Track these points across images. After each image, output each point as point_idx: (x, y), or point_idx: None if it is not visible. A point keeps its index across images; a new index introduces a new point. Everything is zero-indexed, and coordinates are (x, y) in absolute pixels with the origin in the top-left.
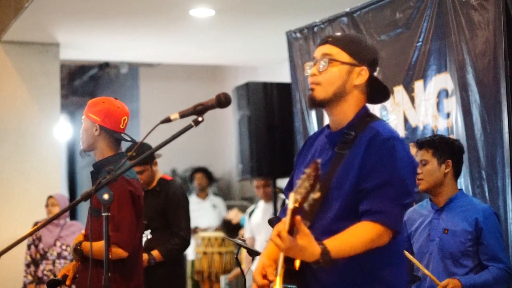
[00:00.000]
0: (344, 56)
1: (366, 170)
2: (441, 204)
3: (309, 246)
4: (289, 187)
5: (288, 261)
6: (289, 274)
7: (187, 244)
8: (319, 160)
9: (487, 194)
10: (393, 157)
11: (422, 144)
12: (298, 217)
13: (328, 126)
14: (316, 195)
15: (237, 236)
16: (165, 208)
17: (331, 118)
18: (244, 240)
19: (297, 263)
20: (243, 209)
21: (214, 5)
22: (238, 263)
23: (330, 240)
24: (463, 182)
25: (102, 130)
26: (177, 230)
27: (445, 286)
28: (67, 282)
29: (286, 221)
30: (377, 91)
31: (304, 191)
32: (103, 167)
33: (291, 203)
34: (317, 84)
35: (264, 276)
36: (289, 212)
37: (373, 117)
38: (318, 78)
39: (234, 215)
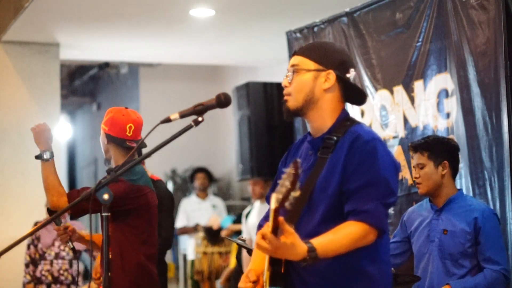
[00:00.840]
0: (309, 64)
1: (348, 172)
2: (440, 205)
3: (295, 244)
4: (270, 197)
5: (274, 263)
6: (276, 276)
7: (168, 244)
8: (299, 160)
9: (488, 194)
10: (375, 158)
11: (416, 147)
12: (281, 218)
13: (309, 133)
14: (296, 193)
15: (220, 241)
16: None
17: (310, 125)
18: (244, 240)
19: (283, 266)
20: (243, 210)
21: (214, 5)
22: (239, 263)
23: (316, 239)
24: (464, 182)
25: (109, 138)
26: (158, 230)
27: None
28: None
29: (269, 222)
30: (354, 92)
31: (285, 189)
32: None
33: (273, 204)
34: (288, 95)
35: (248, 281)
36: (271, 213)
37: (353, 121)
38: (289, 89)
39: (213, 221)
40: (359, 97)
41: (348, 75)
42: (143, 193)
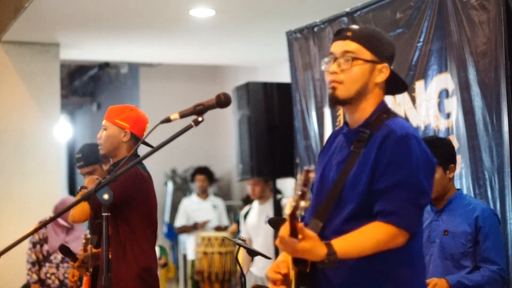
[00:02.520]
0: (366, 54)
1: (379, 170)
2: (440, 206)
3: (313, 248)
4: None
5: (299, 263)
6: (301, 276)
7: None
8: (311, 168)
9: (489, 194)
10: (407, 156)
11: None
12: (300, 224)
13: (346, 123)
14: (306, 203)
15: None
16: None
17: (350, 116)
18: (244, 240)
19: (309, 265)
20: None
21: (214, 5)
22: (238, 263)
23: (338, 240)
24: (465, 182)
25: (131, 136)
26: None
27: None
28: (77, 263)
29: (286, 225)
30: (394, 84)
31: (296, 198)
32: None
33: (287, 209)
34: (339, 83)
35: (278, 272)
36: (287, 217)
37: (390, 113)
38: (340, 77)
39: None
40: (401, 86)
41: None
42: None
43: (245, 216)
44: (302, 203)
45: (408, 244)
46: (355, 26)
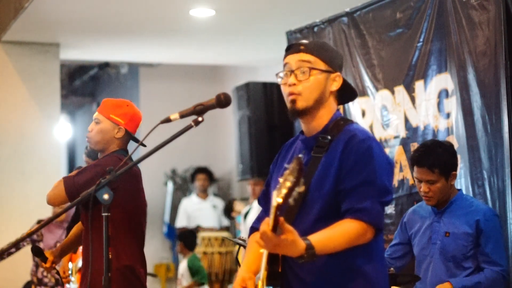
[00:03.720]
0: (321, 64)
1: (344, 171)
2: (441, 207)
3: (294, 241)
4: (264, 197)
5: (271, 263)
6: (272, 275)
7: None
8: (301, 155)
9: (488, 194)
10: (370, 157)
11: (423, 163)
12: (281, 218)
13: (302, 132)
14: (301, 188)
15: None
16: None
17: (307, 125)
18: (244, 240)
19: (280, 265)
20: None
21: (214, 5)
22: (238, 263)
23: (314, 236)
24: (464, 182)
25: (127, 133)
26: None
27: None
28: (47, 264)
29: (269, 219)
30: (346, 92)
31: (290, 184)
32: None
33: (274, 200)
34: (298, 94)
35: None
36: (273, 210)
37: (346, 120)
38: (298, 88)
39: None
40: (351, 95)
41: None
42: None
43: (245, 215)
44: (297, 189)
45: (374, 240)
46: (304, 41)
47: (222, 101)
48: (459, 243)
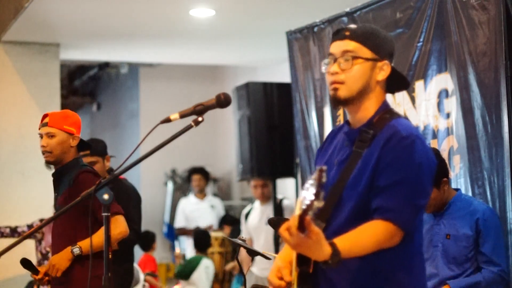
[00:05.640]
0: (366, 52)
1: (381, 168)
2: (441, 210)
3: (318, 245)
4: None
5: (302, 263)
6: (303, 276)
7: (139, 237)
8: (324, 167)
9: (488, 194)
10: (410, 155)
11: None
12: (308, 218)
13: (347, 122)
14: (320, 203)
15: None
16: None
17: (351, 115)
18: (244, 240)
19: (311, 266)
20: (242, 210)
21: (214, 5)
22: (239, 264)
23: (340, 239)
24: (464, 182)
25: (79, 141)
26: (130, 223)
27: None
28: (39, 276)
29: (296, 217)
30: (396, 81)
31: (309, 202)
32: (68, 169)
33: (297, 209)
34: (341, 83)
35: (280, 278)
36: (296, 217)
37: (393, 113)
38: (341, 77)
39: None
40: (402, 83)
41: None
42: None
43: (246, 216)
44: (316, 203)
45: (406, 245)
46: (353, 25)
47: (222, 101)
48: (460, 244)
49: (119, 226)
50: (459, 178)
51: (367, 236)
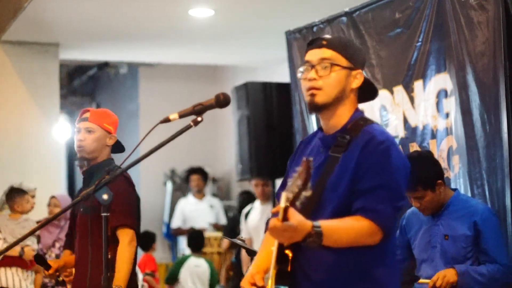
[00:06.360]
0: (342, 60)
1: (361, 172)
2: (438, 210)
3: (300, 224)
4: (280, 194)
5: (281, 262)
6: (281, 275)
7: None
8: (311, 158)
9: (487, 194)
10: (388, 160)
11: (408, 187)
12: (291, 208)
13: (320, 129)
14: (307, 193)
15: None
16: None
17: (326, 122)
18: (243, 240)
19: (290, 264)
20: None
21: (213, 5)
22: (239, 263)
23: (323, 221)
24: (463, 182)
25: (115, 141)
26: None
27: (436, 280)
28: (50, 271)
29: (279, 216)
30: (366, 90)
31: (296, 189)
32: (100, 169)
33: (283, 202)
34: (318, 89)
35: (253, 284)
36: (281, 211)
37: (366, 120)
38: (319, 83)
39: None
40: (372, 93)
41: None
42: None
43: (246, 216)
44: (304, 193)
45: (384, 244)
46: (328, 35)
47: (221, 101)
48: (459, 245)
49: (132, 246)
50: (458, 178)
51: (349, 226)
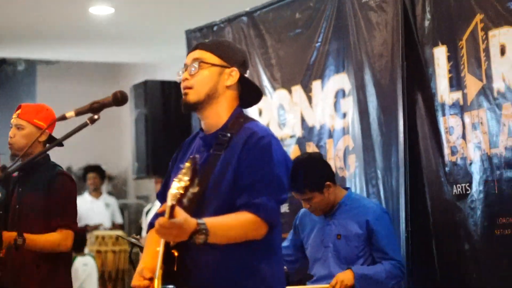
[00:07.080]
0: (214, 59)
1: (242, 168)
2: (329, 212)
3: (186, 219)
4: (162, 194)
5: (167, 262)
6: (168, 274)
7: None
8: (197, 156)
9: (382, 193)
10: (269, 155)
11: (292, 187)
12: (177, 207)
13: (201, 129)
14: (195, 189)
15: None
16: None
17: (205, 121)
18: (138, 239)
19: (176, 264)
20: (138, 208)
21: (113, 2)
22: (132, 262)
23: (208, 218)
24: (358, 181)
25: (49, 137)
26: None
27: (335, 285)
28: None
29: (166, 214)
30: (250, 92)
31: (183, 185)
32: (37, 169)
33: (169, 200)
34: (190, 88)
35: (142, 277)
36: (168, 209)
37: (246, 118)
38: (190, 82)
39: None
40: (255, 95)
41: (246, 75)
42: None
43: (147, 213)
44: (191, 189)
45: (269, 238)
46: (206, 41)
47: (119, 99)
48: (351, 244)
49: (67, 242)
50: (354, 177)
51: (234, 220)
